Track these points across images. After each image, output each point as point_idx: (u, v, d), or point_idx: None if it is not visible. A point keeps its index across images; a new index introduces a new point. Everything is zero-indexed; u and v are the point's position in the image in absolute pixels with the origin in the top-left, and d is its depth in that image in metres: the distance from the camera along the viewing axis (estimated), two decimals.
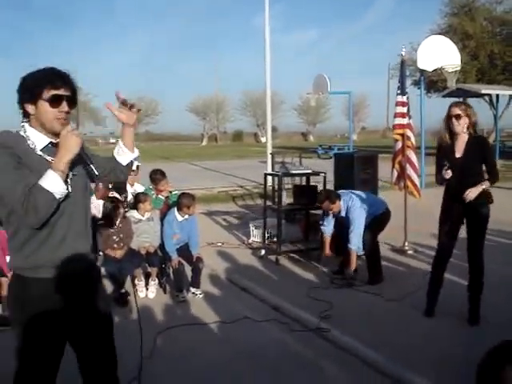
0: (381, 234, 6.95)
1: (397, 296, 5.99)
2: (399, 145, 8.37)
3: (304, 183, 9.15)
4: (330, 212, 6.89)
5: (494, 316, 5.27)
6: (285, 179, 8.34)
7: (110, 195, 6.93)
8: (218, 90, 75.35)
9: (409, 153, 8.30)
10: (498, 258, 7.01)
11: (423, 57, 12.03)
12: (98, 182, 7.12)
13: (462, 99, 22.69)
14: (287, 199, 9.50)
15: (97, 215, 6.75)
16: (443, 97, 25.55)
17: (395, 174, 8.54)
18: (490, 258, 5.34)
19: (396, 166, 8.49)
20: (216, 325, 5.35)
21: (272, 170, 11.14)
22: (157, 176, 7.03)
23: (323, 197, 6.84)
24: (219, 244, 8.89)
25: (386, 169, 9.69)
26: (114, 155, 2.92)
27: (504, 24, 28.82)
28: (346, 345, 4.72)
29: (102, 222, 6.39)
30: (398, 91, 8.48)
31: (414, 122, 8.65)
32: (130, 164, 2.98)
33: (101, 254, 6.26)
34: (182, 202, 6.35)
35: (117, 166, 2.93)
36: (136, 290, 6.31)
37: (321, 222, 7.26)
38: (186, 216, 6.38)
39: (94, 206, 6.94)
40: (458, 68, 12.08)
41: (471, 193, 4.88)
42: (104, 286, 3.07)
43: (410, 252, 8.18)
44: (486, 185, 4.96)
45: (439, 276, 5.43)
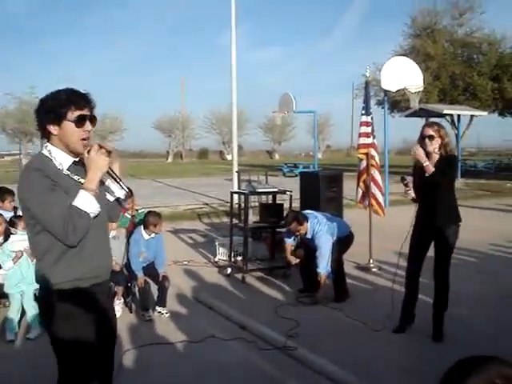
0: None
1: (362, 313, 6.04)
2: (364, 164, 8.49)
3: (270, 201, 9.19)
4: (296, 233, 6.92)
5: (459, 333, 5.36)
6: (251, 197, 8.36)
7: None
8: (184, 107, 75.36)
9: (373, 172, 8.42)
10: (461, 276, 7.14)
11: (387, 77, 12.24)
12: None
13: (424, 119, 23.17)
14: (253, 217, 9.52)
15: None
16: (406, 116, 26.03)
17: (360, 192, 8.64)
18: (453, 275, 5.44)
19: (361, 184, 8.59)
20: (182, 344, 5.31)
21: (238, 187, 11.16)
22: None
23: (291, 218, 6.83)
24: (185, 262, 8.85)
25: (351, 187, 9.81)
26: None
27: (465, 46, 29.51)
28: (313, 363, 4.73)
29: None
30: (363, 111, 8.61)
31: (377, 141, 8.79)
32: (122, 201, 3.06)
33: None
34: (149, 220, 6.32)
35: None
36: None
37: (284, 233, 7.32)
38: (153, 234, 6.35)
39: None
40: (421, 88, 12.28)
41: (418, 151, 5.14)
42: None
43: (374, 269, 8.27)
44: (428, 169, 5.09)
45: (412, 294, 5.52)
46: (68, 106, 2.63)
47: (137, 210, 7.07)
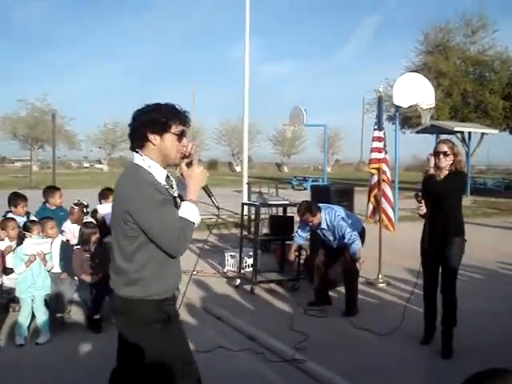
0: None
1: (372, 327, 6.04)
2: (375, 179, 8.50)
3: (280, 214, 9.21)
4: (310, 224, 6.89)
5: (467, 349, 5.35)
6: (261, 209, 8.39)
7: (86, 220, 6.88)
8: (195, 118, 75.66)
9: (384, 187, 8.44)
10: (469, 293, 7.13)
11: (399, 93, 12.29)
12: (73, 205, 7.13)
13: (434, 136, 23.18)
14: (263, 229, 9.54)
15: (71, 240, 6.72)
16: (417, 133, 26.06)
17: (370, 207, 8.66)
18: (461, 292, 5.44)
19: (371, 199, 8.61)
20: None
21: (248, 199, 11.19)
22: None
23: (304, 208, 6.74)
24: (194, 272, 8.85)
25: (361, 201, 9.81)
26: None
27: (477, 64, 29.56)
28: (322, 376, 4.73)
29: (78, 246, 6.34)
30: (375, 126, 8.64)
31: (388, 156, 8.81)
32: None
33: (76, 278, 6.22)
34: None
35: None
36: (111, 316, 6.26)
37: (296, 230, 7.34)
38: None
39: (69, 231, 6.92)
40: (433, 105, 12.33)
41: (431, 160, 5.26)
42: None
43: (382, 285, 8.24)
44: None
45: (431, 308, 5.57)
46: (173, 120, 2.81)
47: None
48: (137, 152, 2.85)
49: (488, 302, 7.27)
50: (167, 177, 2.91)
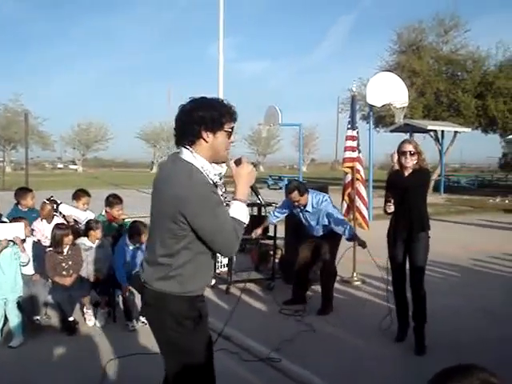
0: None
1: (347, 326, 6.08)
2: (349, 177, 8.56)
3: (255, 213, 9.20)
4: (295, 204, 6.83)
5: (442, 347, 5.41)
6: None
7: (59, 222, 6.82)
8: (170, 117, 75.30)
9: (358, 185, 8.50)
10: (442, 290, 7.22)
11: (372, 92, 12.33)
12: (45, 200, 7.06)
13: (408, 134, 23.40)
14: None
15: (42, 240, 6.65)
16: (391, 132, 26.31)
17: (345, 205, 8.71)
18: (434, 289, 5.50)
19: (346, 198, 8.67)
20: None
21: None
22: (115, 199, 6.96)
23: (293, 186, 6.71)
24: None
25: (336, 200, 9.84)
26: None
27: (450, 63, 29.83)
28: (297, 375, 4.75)
29: (51, 248, 6.27)
30: (349, 126, 8.70)
31: (362, 155, 8.87)
32: None
33: (49, 280, 6.16)
34: (134, 229, 6.31)
35: None
36: (85, 318, 6.22)
37: (274, 209, 7.39)
38: (137, 244, 6.34)
39: (39, 230, 6.83)
40: (406, 104, 12.40)
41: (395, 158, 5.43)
42: None
43: (357, 283, 8.31)
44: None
45: (403, 303, 5.65)
46: (226, 118, 2.79)
47: (123, 220, 7.06)
48: (186, 148, 2.79)
49: (462, 300, 7.36)
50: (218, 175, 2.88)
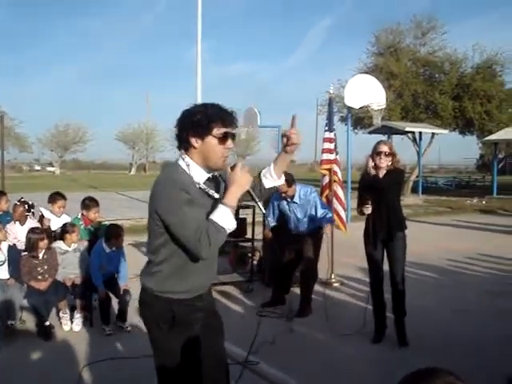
0: None
1: (325, 327, 6.08)
2: (326, 179, 8.58)
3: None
4: (282, 195, 6.87)
5: (420, 347, 5.44)
6: None
7: (33, 224, 6.74)
8: (149, 119, 75.03)
9: (336, 187, 8.52)
10: (419, 290, 7.27)
11: (350, 94, 12.37)
12: (17, 202, 6.99)
13: (386, 136, 23.55)
14: None
15: (15, 243, 6.57)
16: (369, 133, 26.45)
17: None
18: (411, 289, 5.54)
19: (323, 199, 8.67)
20: (143, 358, 5.24)
21: None
22: (91, 202, 6.86)
23: None
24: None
25: None
26: (261, 175, 3.01)
27: (427, 65, 30.08)
28: (275, 377, 4.76)
29: (26, 253, 6.19)
30: (326, 128, 8.73)
31: (340, 157, 8.90)
32: (273, 189, 3.04)
33: (24, 285, 6.08)
34: (110, 233, 6.26)
35: (260, 184, 3.01)
36: (61, 322, 6.15)
37: (266, 215, 7.34)
38: (114, 247, 6.28)
39: (12, 233, 6.74)
40: (384, 106, 12.45)
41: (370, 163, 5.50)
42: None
43: (336, 284, 8.33)
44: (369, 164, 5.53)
45: (380, 304, 5.71)
46: (216, 122, 2.69)
47: (100, 223, 7.00)
48: (180, 153, 2.83)
49: (438, 300, 7.42)
50: (210, 179, 2.85)
